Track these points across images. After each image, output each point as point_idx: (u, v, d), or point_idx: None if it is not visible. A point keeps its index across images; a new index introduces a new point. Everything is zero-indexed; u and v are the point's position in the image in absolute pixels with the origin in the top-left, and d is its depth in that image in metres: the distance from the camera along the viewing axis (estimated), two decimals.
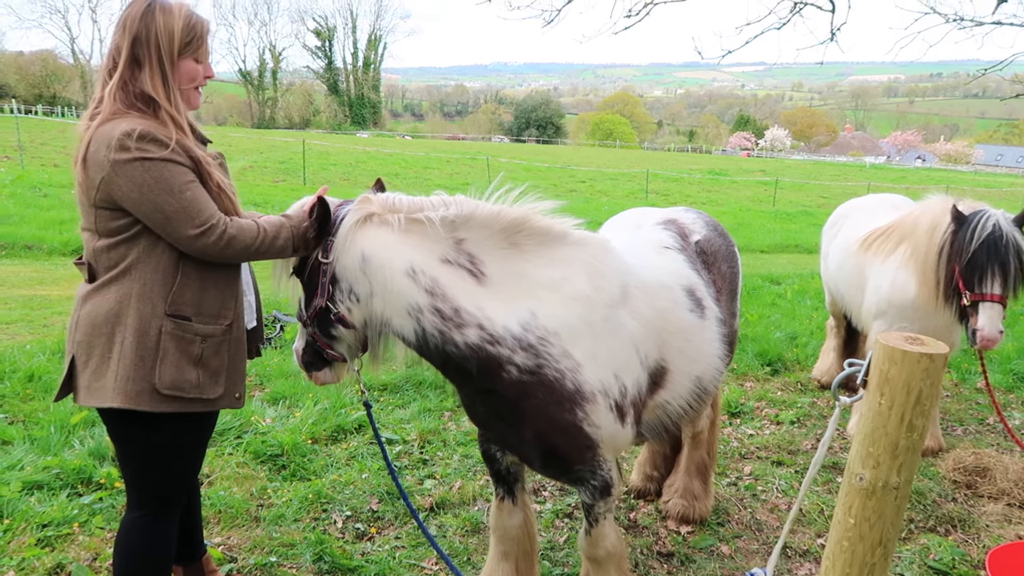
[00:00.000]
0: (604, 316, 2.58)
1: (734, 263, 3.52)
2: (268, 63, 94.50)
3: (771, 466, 4.71)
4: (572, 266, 2.58)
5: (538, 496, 4.21)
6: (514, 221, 2.54)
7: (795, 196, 32.99)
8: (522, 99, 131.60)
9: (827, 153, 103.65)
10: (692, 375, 2.97)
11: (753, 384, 6.29)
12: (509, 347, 2.46)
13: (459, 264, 2.48)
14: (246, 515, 3.78)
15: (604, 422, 2.55)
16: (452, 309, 2.44)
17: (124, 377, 2.35)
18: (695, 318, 2.97)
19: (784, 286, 10.61)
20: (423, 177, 30.04)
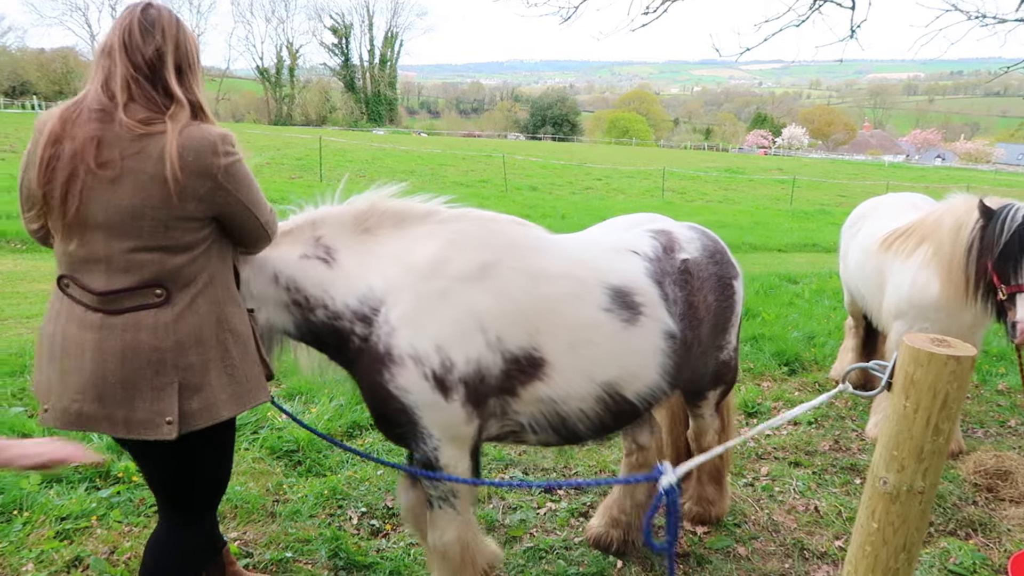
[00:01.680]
0: (442, 288, 2.63)
1: (727, 296, 3.27)
2: (285, 60, 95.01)
3: (788, 467, 4.68)
4: (424, 240, 2.72)
5: (553, 495, 4.19)
6: (362, 210, 2.78)
7: (813, 195, 32.73)
8: (538, 96, 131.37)
9: (845, 152, 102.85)
10: (596, 379, 2.81)
11: (770, 384, 6.24)
12: (348, 320, 2.66)
13: (316, 257, 2.70)
14: (262, 510, 3.79)
15: (414, 388, 2.57)
16: (304, 297, 2.68)
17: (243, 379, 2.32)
18: (612, 319, 2.82)
19: (801, 285, 10.53)
20: (439, 174, 30.07)
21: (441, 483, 2.76)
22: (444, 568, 2.90)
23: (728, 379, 3.52)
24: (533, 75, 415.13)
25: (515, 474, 4.38)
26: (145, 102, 2.13)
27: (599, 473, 4.44)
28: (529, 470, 4.45)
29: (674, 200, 27.52)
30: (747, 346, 7.02)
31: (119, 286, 2.15)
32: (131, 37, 2.16)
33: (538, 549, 3.64)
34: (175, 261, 2.18)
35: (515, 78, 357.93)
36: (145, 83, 2.15)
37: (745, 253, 15.15)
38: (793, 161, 62.35)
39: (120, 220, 2.10)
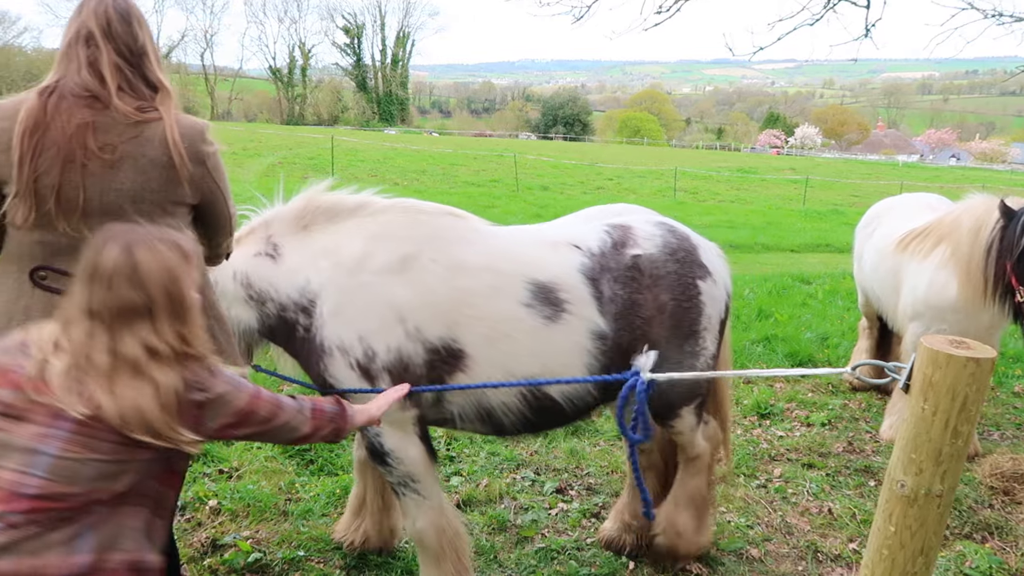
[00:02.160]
0: (364, 281, 2.74)
1: (688, 297, 3.00)
2: (298, 60, 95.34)
3: (801, 468, 4.64)
4: (352, 234, 2.84)
5: (564, 495, 4.18)
6: (299, 206, 2.92)
7: (826, 195, 32.54)
8: (549, 96, 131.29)
9: (858, 151, 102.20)
10: (516, 374, 2.80)
11: (783, 385, 6.21)
12: (293, 311, 2.81)
13: (265, 254, 2.88)
14: (274, 509, 3.81)
15: (343, 377, 2.72)
16: (256, 291, 2.86)
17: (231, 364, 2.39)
18: (532, 315, 2.79)
19: (815, 286, 10.47)
20: (450, 174, 30.10)
21: (396, 468, 2.84)
22: (425, 556, 2.97)
23: (704, 391, 3.25)
24: (545, 75, 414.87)
25: (526, 474, 4.37)
26: (130, 89, 2.15)
27: (611, 474, 4.43)
28: (541, 470, 4.44)
29: (686, 200, 27.44)
30: (760, 347, 6.99)
31: None
32: (111, 26, 2.16)
33: (550, 550, 3.63)
34: None
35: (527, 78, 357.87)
36: (129, 71, 2.17)
37: (757, 253, 15.09)
38: (806, 161, 62.03)
39: (120, 204, 2.11)
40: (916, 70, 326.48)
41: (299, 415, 2.20)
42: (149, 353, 1.85)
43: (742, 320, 7.95)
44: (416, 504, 2.89)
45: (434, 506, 2.91)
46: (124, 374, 1.82)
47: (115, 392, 1.79)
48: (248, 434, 2.12)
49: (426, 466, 2.88)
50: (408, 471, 2.83)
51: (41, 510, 1.73)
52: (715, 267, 3.15)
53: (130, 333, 1.83)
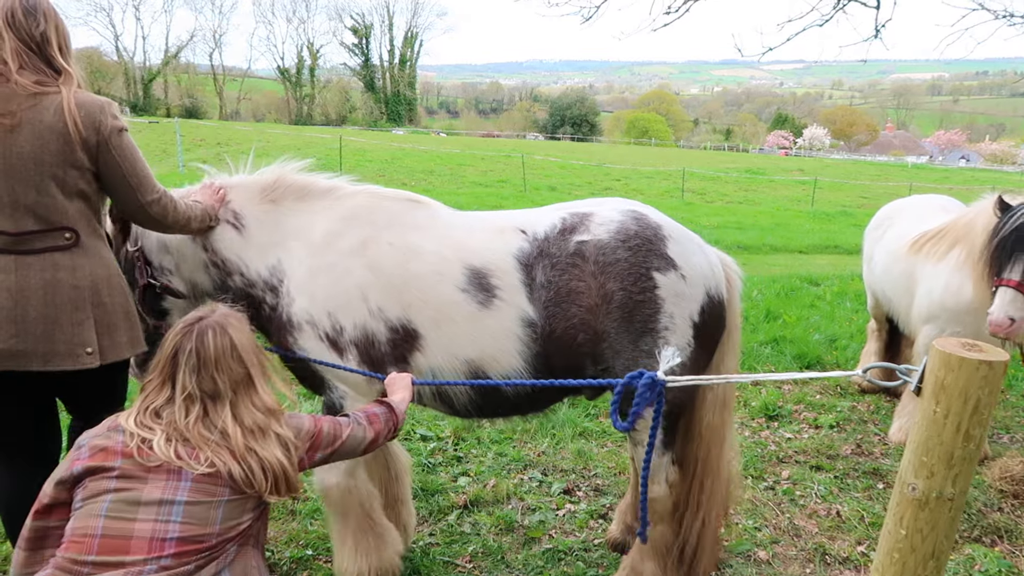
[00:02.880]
0: (331, 261, 2.89)
1: (641, 289, 2.77)
2: (306, 60, 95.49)
3: (809, 471, 4.63)
4: (320, 215, 2.98)
5: (572, 496, 4.18)
6: (269, 181, 3.06)
7: (834, 196, 32.43)
8: (557, 96, 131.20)
9: (867, 152, 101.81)
10: (459, 356, 2.86)
11: (791, 387, 6.19)
12: (261, 289, 2.99)
13: (226, 220, 3.01)
14: (282, 508, 3.82)
15: (313, 348, 2.88)
16: (222, 260, 3.02)
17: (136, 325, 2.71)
18: (467, 299, 2.82)
19: (823, 287, 10.43)
20: (458, 174, 30.12)
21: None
22: (332, 512, 3.12)
23: (669, 399, 2.78)
24: (552, 75, 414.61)
25: (534, 475, 4.37)
26: (34, 71, 2.44)
27: (619, 475, 4.42)
28: (548, 471, 4.44)
29: (694, 201, 27.39)
30: (768, 348, 6.97)
31: (29, 228, 2.43)
32: (15, 17, 2.44)
33: (557, 551, 3.63)
34: (76, 206, 2.50)
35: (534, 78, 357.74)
36: (34, 56, 2.46)
37: (766, 255, 15.05)
38: (814, 162, 61.84)
39: (23, 166, 2.38)
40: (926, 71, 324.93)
41: (359, 427, 2.47)
42: (267, 413, 2.15)
43: (750, 321, 7.93)
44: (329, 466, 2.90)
45: (346, 470, 3.02)
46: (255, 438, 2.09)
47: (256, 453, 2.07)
48: (324, 457, 2.35)
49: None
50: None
51: (186, 552, 1.96)
52: (688, 263, 2.86)
53: (248, 400, 2.15)
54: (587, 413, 5.22)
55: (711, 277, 2.95)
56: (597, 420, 5.16)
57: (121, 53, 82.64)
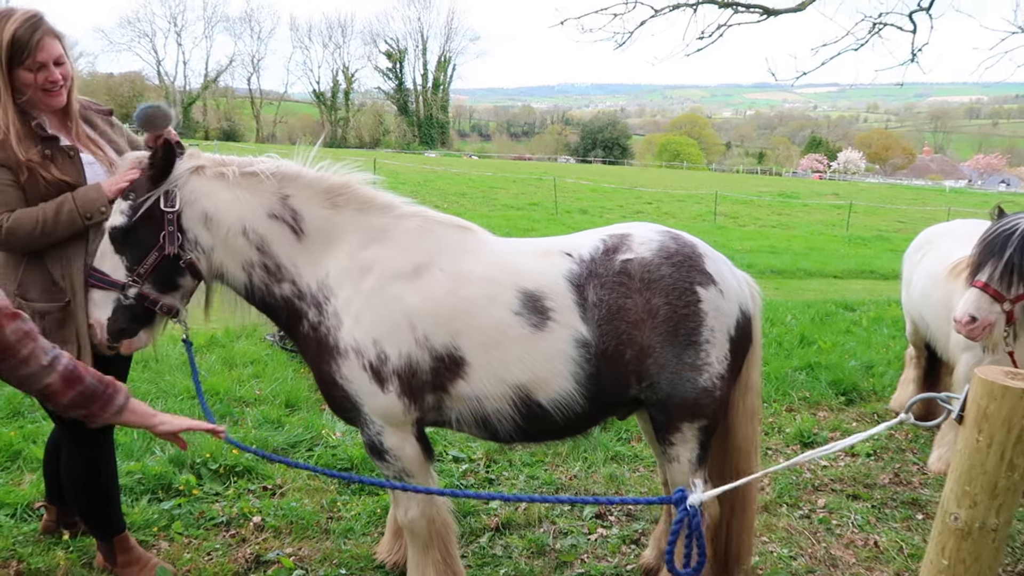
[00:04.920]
0: (379, 286, 2.80)
1: (686, 303, 2.85)
2: (341, 84, 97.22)
3: (846, 499, 4.55)
4: (375, 235, 2.87)
5: (604, 521, 4.16)
6: (337, 184, 2.89)
7: (870, 220, 32.02)
8: (589, 120, 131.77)
9: (904, 176, 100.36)
10: (508, 381, 2.83)
11: (826, 414, 6.10)
12: (308, 303, 2.84)
13: (283, 219, 2.82)
14: (316, 527, 3.85)
15: (356, 378, 2.79)
16: (275, 265, 2.83)
17: None
18: (521, 322, 2.81)
19: (859, 312, 10.28)
20: (490, 196, 30.30)
21: (393, 464, 2.95)
22: (414, 543, 3.08)
23: (710, 413, 2.98)
24: (584, 99, 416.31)
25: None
26: None
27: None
28: (580, 495, 4.42)
29: (726, 224, 27.22)
30: (802, 374, 6.88)
31: None
32: None
33: (589, 575, 3.61)
34: None
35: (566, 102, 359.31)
36: None
37: (800, 279, 14.88)
38: (849, 186, 61.15)
39: None
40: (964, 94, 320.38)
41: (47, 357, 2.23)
42: None
43: (784, 347, 7.84)
44: (408, 496, 3.01)
45: (425, 498, 3.02)
46: None
47: None
48: None
49: (420, 463, 2.99)
50: (404, 467, 2.96)
51: None
52: (724, 279, 2.98)
53: None
54: (619, 437, 5.20)
55: (741, 293, 3.08)
56: (629, 444, 5.13)
57: (163, 77, 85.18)
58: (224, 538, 3.70)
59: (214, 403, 5.31)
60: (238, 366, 6.20)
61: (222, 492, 4.12)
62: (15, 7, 2.77)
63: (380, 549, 3.57)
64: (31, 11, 2.74)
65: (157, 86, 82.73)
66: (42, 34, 2.74)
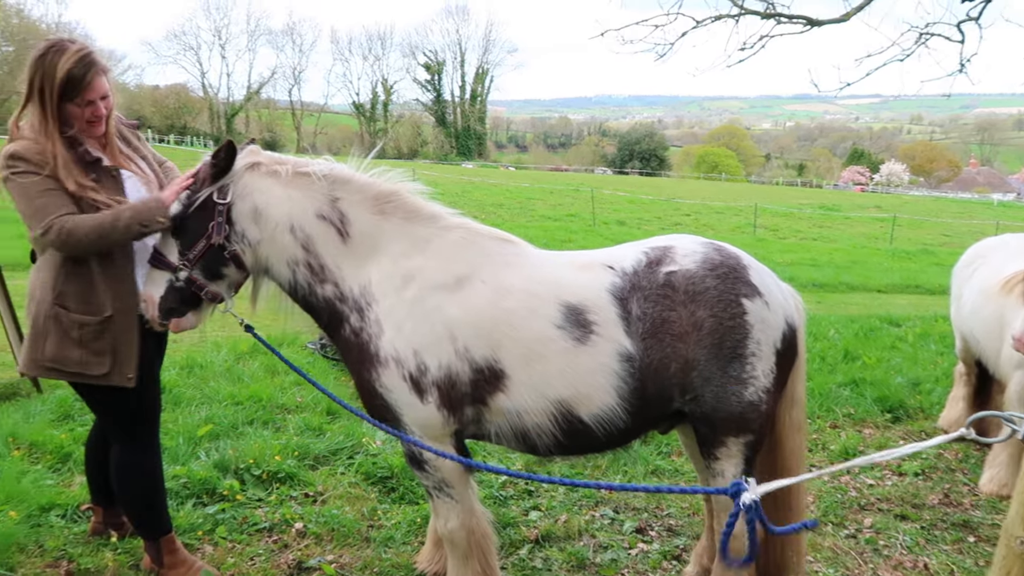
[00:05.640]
0: (421, 296, 2.81)
1: (732, 315, 2.82)
2: (380, 96, 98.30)
3: (894, 520, 4.44)
4: (419, 245, 2.89)
5: (644, 536, 4.11)
6: (386, 191, 2.93)
7: (914, 234, 31.38)
8: (626, 131, 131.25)
9: (949, 189, 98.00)
10: (549, 395, 2.80)
11: (872, 431, 5.97)
12: (350, 307, 2.87)
13: (331, 221, 2.87)
14: (357, 535, 3.87)
15: (395, 387, 2.81)
16: (319, 265, 2.87)
17: (26, 348, 3.00)
18: (563, 336, 2.79)
19: (904, 328, 10.06)
20: (527, 207, 30.36)
21: (432, 475, 2.96)
22: (453, 553, 3.08)
23: (756, 427, 2.93)
24: (621, 110, 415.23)
25: (605, 512, 4.32)
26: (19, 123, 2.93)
27: (693, 515, 4.33)
28: (620, 508, 4.39)
29: (766, 237, 26.90)
30: (847, 390, 6.75)
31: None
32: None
33: None
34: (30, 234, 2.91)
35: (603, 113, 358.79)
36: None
37: (842, 293, 14.64)
38: (893, 198, 60.00)
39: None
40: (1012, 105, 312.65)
41: None
42: None
43: (828, 362, 7.70)
44: (448, 507, 3.01)
45: (465, 509, 3.02)
46: None
47: None
48: None
49: (460, 474, 2.99)
50: (443, 478, 2.96)
51: None
52: (769, 291, 2.94)
53: None
54: (659, 451, 5.15)
55: (787, 305, 3.04)
56: (670, 458, 5.08)
57: (207, 89, 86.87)
58: (267, 543, 3.74)
59: (257, 409, 5.38)
60: (280, 373, 6.28)
61: (264, 498, 4.17)
62: (66, 40, 2.89)
63: (420, 559, 3.58)
64: (83, 48, 2.87)
65: (201, 98, 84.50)
66: (94, 73, 2.87)
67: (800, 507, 3.29)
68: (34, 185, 2.81)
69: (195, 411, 5.25)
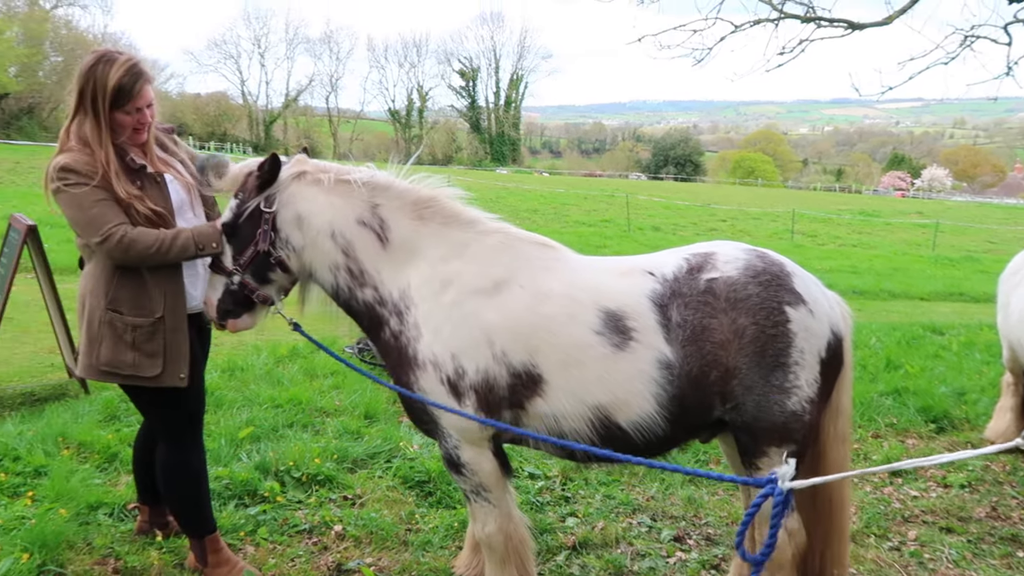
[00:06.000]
0: (459, 300, 2.84)
1: (774, 323, 2.77)
2: (415, 103, 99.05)
3: (939, 532, 4.35)
4: (457, 249, 2.93)
5: (683, 544, 4.08)
6: (425, 197, 2.98)
7: (958, 240, 30.69)
8: (660, 136, 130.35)
9: (993, 195, 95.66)
10: (587, 401, 2.80)
11: (916, 442, 5.85)
12: (389, 310, 2.93)
13: (371, 227, 2.93)
14: (395, 538, 3.90)
15: (432, 390, 2.84)
16: (359, 270, 2.94)
17: (82, 353, 3.09)
18: (602, 342, 2.78)
19: (948, 336, 9.85)
20: (561, 213, 30.35)
21: (470, 479, 2.99)
22: (491, 558, 3.09)
23: (799, 438, 2.87)
24: (656, 115, 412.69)
25: (643, 519, 4.30)
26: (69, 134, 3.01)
27: (731, 524, 4.29)
28: (657, 516, 4.36)
29: (804, 243, 26.55)
30: (889, 399, 6.63)
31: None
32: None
33: None
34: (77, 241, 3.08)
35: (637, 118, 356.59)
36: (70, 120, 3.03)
37: (883, 301, 14.39)
38: (935, 204, 58.76)
39: None
40: None
41: None
42: None
43: (869, 370, 7.57)
44: (486, 511, 3.03)
45: (503, 514, 3.03)
46: None
47: None
48: None
49: (497, 478, 3.00)
50: (481, 482, 2.98)
51: None
52: (814, 299, 2.88)
53: None
54: (697, 459, 5.11)
55: (832, 313, 2.98)
56: (708, 467, 5.03)
57: (246, 97, 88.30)
58: (307, 545, 3.79)
59: (296, 412, 5.46)
60: (319, 377, 6.36)
61: (304, 500, 4.22)
62: (113, 51, 2.99)
63: (458, 563, 3.59)
64: (131, 58, 2.98)
65: (241, 105, 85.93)
66: (142, 82, 2.98)
67: (843, 519, 3.23)
68: (86, 195, 2.91)
69: (236, 413, 5.34)
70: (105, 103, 2.91)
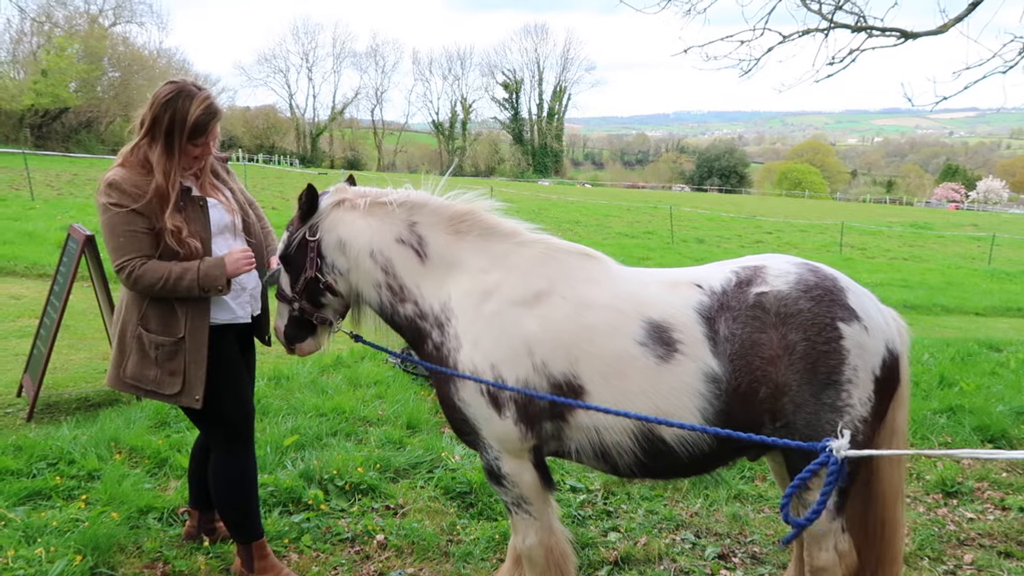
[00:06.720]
0: (499, 311, 2.85)
1: (826, 340, 2.69)
2: (459, 115, 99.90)
3: (997, 557, 4.19)
4: (498, 260, 2.95)
5: (727, 562, 4.00)
6: (461, 211, 3.03)
7: (1015, 254, 29.72)
8: (705, 148, 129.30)
9: None
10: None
11: (971, 462, 5.65)
12: (431, 323, 2.97)
13: (409, 244, 3.00)
14: (436, 549, 3.90)
15: (473, 401, 2.86)
16: (399, 286, 3.01)
17: (111, 364, 3.21)
18: (645, 353, 2.73)
19: (1006, 353, 9.52)
20: (604, 225, 30.22)
21: (511, 490, 2.98)
22: (532, 571, 3.08)
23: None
24: (700, 126, 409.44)
25: (686, 536, 4.23)
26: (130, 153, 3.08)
27: (777, 543, 4.19)
28: (701, 533, 4.28)
29: (853, 256, 25.97)
30: (943, 417, 6.42)
31: None
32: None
33: None
34: None
35: (681, 130, 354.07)
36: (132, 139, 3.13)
37: (937, 316, 13.99)
38: (990, 217, 57.11)
39: None
40: None
41: None
42: None
43: (921, 387, 7.36)
44: (527, 523, 3.02)
45: (544, 526, 3.02)
46: None
47: None
48: None
49: (538, 490, 2.99)
50: (522, 494, 2.97)
51: None
52: (868, 314, 2.79)
53: None
54: (743, 475, 5.01)
55: (888, 330, 2.88)
56: (753, 483, 4.93)
57: (294, 110, 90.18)
58: (349, 554, 3.81)
59: (340, 421, 5.51)
60: (362, 386, 6.41)
61: (347, 509, 4.25)
62: (191, 84, 3.07)
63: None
64: (208, 95, 3.08)
65: (289, 118, 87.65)
66: (216, 120, 3.10)
67: (896, 543, 3.12)
68: (120, 222, 3.00)
69: (282, 422, 5.41)
70: (183, 137, 3.00)
